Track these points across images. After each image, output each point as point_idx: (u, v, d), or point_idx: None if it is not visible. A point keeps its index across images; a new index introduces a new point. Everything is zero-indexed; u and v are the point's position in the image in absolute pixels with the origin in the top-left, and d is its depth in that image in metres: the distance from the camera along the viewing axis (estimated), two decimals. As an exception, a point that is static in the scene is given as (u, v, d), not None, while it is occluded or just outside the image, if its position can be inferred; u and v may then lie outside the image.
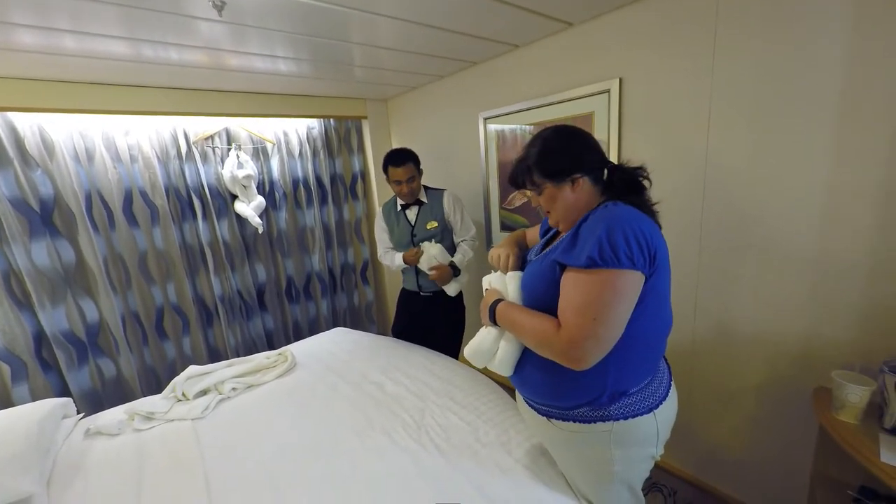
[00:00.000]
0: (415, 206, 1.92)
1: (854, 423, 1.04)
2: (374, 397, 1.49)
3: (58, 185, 1.85)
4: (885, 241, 1.07)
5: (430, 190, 1.96)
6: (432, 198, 1.93)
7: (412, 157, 1.82)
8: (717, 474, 1.58)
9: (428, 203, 1.92)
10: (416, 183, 1.85)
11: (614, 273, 0.77)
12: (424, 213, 1.91)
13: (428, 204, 1.92)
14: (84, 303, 1.96)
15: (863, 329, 1.13)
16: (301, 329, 2.78)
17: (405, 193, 1.85)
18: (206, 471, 1.16)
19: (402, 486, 1.06)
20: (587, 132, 0.94)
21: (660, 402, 0.91)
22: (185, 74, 1.84)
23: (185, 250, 2.25)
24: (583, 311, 0.78)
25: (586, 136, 0.93)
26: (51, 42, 1.36)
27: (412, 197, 1.88)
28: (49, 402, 1.39)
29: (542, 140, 0.92)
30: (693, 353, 1.53)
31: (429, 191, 1.95)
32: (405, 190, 1.83)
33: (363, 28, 1.47)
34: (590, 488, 0.98)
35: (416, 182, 1.86)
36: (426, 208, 1.91)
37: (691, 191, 1.40)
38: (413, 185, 1.84)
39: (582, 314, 0.78)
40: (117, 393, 2.08)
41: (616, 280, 0.77)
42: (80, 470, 1.21)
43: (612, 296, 0.77)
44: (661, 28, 1.37)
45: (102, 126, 1.97)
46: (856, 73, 1.04)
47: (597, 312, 0.77)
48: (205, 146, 2.26)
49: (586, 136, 0.93)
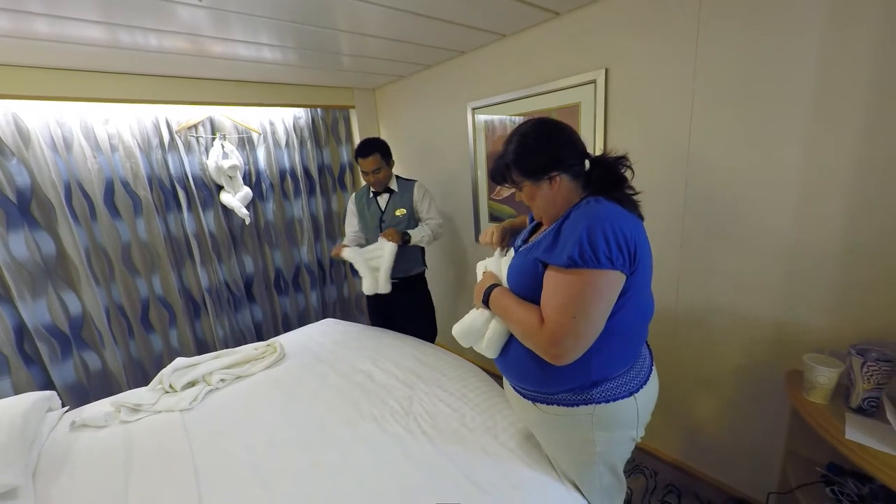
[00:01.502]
0: (385, 194, 1.99)
1: (823, 403, 1.09)
2: (363, 386, 1.50)
3: (35, 175, 1.80)
4: (856, 231, 1.10)
5: (402, 180, 2.02)
6: (403, 187, 2.00)
7: (378, 148, 1.87)
8: (697, 455, 1.64)
9: (398, 192, 1.98)
10: (382, 174, 1.91)
11: (594, 273, 0.78)
12: (394, 200, 1.98)
13: (398, 193, 1.98)
14: (66, 295, 1.92)
15: (834, 315, 1.18)
16: (290, 320, 2.77)
17: (373, 182, 1.93)
18: (195, 461, 1.17)
19: (390, 473, 1.08)
20: (566, 126, 0.92)
21: (641, 386, 0.94)
22: (165, 61, 1.79)
23: (170, 242, 2.22)
24: (563, 309, 0.80)
25: (564, 131, 0.91)
26: (22, 26, 1.31)
27: (380, 186, 1.96)
28: (32, 395, 1.37)
29: (519, 137, 0.92)
30: (675, 339, 1.57)
31: (400, 180, 2.01)
32: (372, 179, 1.91)
33: (349, 15, 1.45)
34: (573, 469, 1.02)
35: (384, 173, 1.91)
36: (396, 196, 1.98)
37: (674, 180, 1.43)
38: (380, 175, 1.90)
39: (562, 312, 0.80)
40: (103, 386, 2.06)
41: (596, 280, 0.79)
42: (66, 462, 1.20)
43: (592, 295, 0.79)
44: (647, 17, 1.38)
45: (80, 114, 1.91)
46: (831, 64, 1.06)
47: (577, 311, 0.79)
48: (188, 135, 2.22)
49: (564, 131, 0.91)
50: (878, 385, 1.00)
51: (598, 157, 0.92)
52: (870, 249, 1.09)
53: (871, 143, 1.04)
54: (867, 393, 1.02)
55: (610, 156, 0.92)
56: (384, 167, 1.90)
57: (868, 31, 1.00)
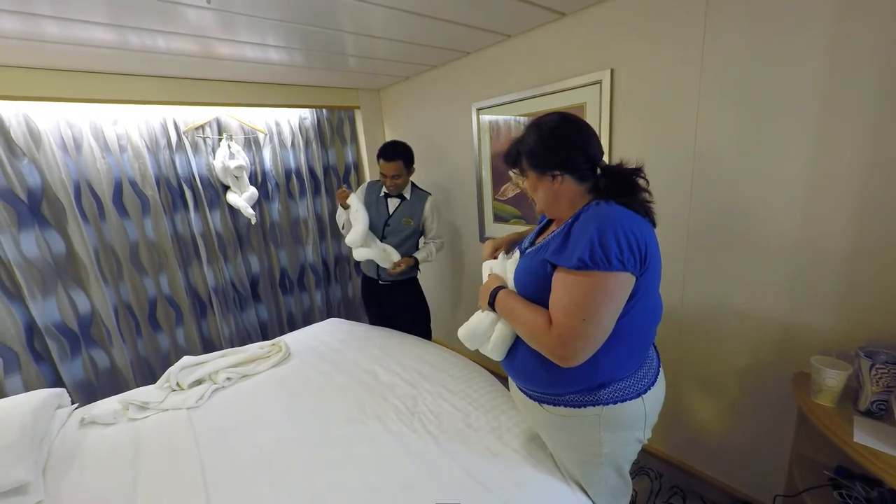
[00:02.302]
0: (397, 199, 1.97)
1: (831, 405, 1.08)
2: (368, 385, 1.51)
3: (45, 176, 1.82)
4: (862, 232, 1.09)
5: (417, 190, 1.99)
6: (416, 198, 1.97)
7: (403, 155, 1.84)
8: (702, 457, 1.63)
9: (410, 200, 1.95)
10: (401, 180, 1.89)
11: (604, 275, 0.78)
12: (404, 208, 1.96)
13: (410, 201, 1.95)
14: (75, 294, 1.95)
15: (841, 316, 1.17)
16: (295, 320, 2.79)
17: (389, 186, 1.91)
18: (202, 458, 1.18)
19: (394, 471, 1.09)
20: (588, 128, 0.91)
21: (648, 388, 0.93)
22: (173, 63, 1.81)
23: (177, 241, 2.24)
24: (572, 311, 0.79)
25: (583, 133, 0.90)
26: (32, 28, 1.33)
27: (396, 191, 1.93)
28: (43, 393, 1.39)
29: (538, 130, 0.91)
30: (680, 340, 1.56)
31: (415, 190, 1.98)
32: (389, 183, 1.89)
33: (354, 16, 1.45)
34: (579, 470, 1.02)
35: (403, 180, 1.89)
36: (406, 205, 1.96)
37: (680, 181, 1.42)
38: (398, 181, 1.88)
39: (571, 315, 0.79)
40: (111, 384, 2.08)
41: (606, 282, 0.78)
42: (76, 458, 1.22)
43: (601, 297, 0.78)
44: (652, 17, 1.37)
45: (90, 115, 1.93)
46: (837, 64, 1.05)
47: (586, 313, 0.78)
48: (195, 136, 2.24)
49: (583, 133, 0.90)
50: (887, 388, 0.99)
51: (610, 167, 0.90)
52: (877, 250, 1.08)
53: (879, 143, 1.03)
54: (876, 396, 1.01)
55: (626, 167, 0.90)
56: (404, 174, 1.88)
57: (875, 30, 0.99)
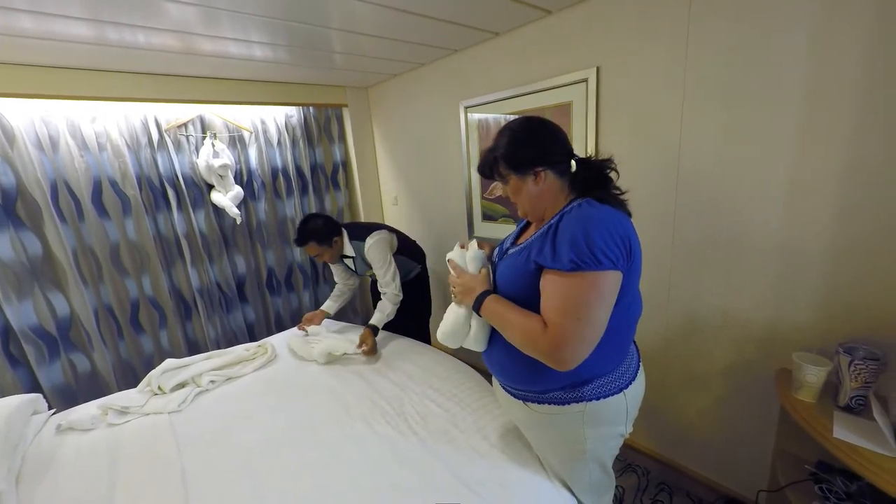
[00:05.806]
0: (348, 259, 1.97)
1: (811, 401, 1.09)
2: (354, 387, 1.50)
3: (20, 175, 1.77)
4: (843, 231, 1.11)
5: (354, 241, 1.90)
6: (357, 249, 1.90)
7: (312, 237, 1.80)
8: (688, 454, 1.64)
9: (355, 255, 1.92)
10: (327, 255, 1.89)
11: (595, 275, 0.78)
12: (357, 263, 1.96)
13: (355, 256, 1.93)
14: (53, 296, 1.89)
15: (823, 314, 1.19)
16: (283, 321, 2.75)
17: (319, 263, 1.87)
18: (183, 463, 1.16)
19: (380, 473, 1.08)
20: (555, 124, 0.93)
21: (629, 383, 0.94)
22: (154, 59, 1.77)
23: (160, 242, 2.19)
24: (567, 312, 0.79)
25: (552, 129, 0.92)
26: (6, 22, 1.29)
27: (332, 261, 1.96)
28: (17, 399, 1.35)
29: (509, 131, 0.92)
30: (666, 339, 1.57)
31: (353, 242, 1.90)
32: (319, 261, 1.90)
33: (341, 12, 1.43)
34: (563, 467, 1.02)
35: (329, 254, 1.89)
36: (356, 260, 1.95)
37: (665, 179, 1.43)
38: (324, 257, 1.90)
39: (566, 315, 0.79)
40: (92, 388, 2.03)
41: (597, 281, 0.78)
42: (51, 466, 1.18)
43: (595, 297, 0.79)
44: (638, 16, 1.38)
45: (67, 112, 1.88)
46: (821, 63, 1.07)
47: (580, 314, 0.78)
48: (178, 134, 2.19)
49: (552, 129, 0.92)
50: (865, 383, 1.01)
51: (584, 159, 0.92)
52: (858, 248, 1.09)
53: (861, 142, 1.04)
54: (854, 391, 1.02)
55: (596, 159, 0.93)
56: (326, 249, 1.85)
57: (858, 29, 1.00)
